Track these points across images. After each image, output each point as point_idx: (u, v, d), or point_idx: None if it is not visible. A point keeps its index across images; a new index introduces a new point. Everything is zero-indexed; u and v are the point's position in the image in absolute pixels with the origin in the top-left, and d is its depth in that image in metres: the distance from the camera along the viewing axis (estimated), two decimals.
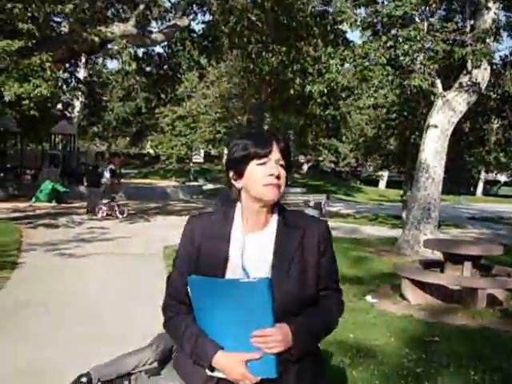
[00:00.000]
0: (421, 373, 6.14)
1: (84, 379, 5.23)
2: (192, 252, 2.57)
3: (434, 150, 15.97)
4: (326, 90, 17.49)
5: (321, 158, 64.43)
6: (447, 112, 15.90)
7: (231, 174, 2.55)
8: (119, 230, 17.80)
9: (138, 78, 28.17)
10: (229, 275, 2.49)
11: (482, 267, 10.14)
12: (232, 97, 39.00)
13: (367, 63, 16.26)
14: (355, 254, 15.05)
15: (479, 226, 28.04)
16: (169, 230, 17.87)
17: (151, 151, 63.72)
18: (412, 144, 26.83)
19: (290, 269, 2.50)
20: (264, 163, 2.45)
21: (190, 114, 44.10)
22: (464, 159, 27.95)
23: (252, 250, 2.52)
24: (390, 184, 71.20)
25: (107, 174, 22.17)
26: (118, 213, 21.94)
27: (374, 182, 71.27)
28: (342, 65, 17.06)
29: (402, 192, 33.88)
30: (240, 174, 2.50)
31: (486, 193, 70.97)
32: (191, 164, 54.62)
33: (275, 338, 2.38)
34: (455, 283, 9.58)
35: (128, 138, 59.24)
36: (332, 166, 66.74)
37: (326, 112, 21.21)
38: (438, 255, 14.74)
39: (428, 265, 10.94)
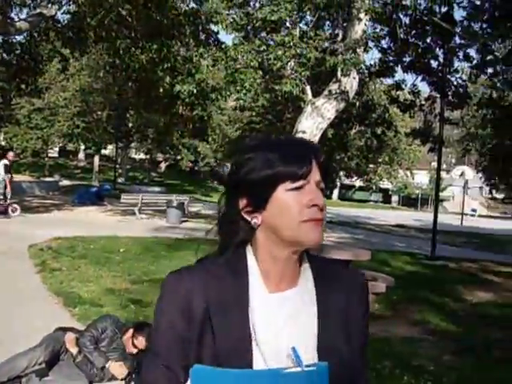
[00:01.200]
0: None
1: None
2: (188, 332, 1.61)
3: None
4: (195, 91, 17.66)
5: (179, 157, 64.66)
6: (316, 118, 16.46)
7: (243, 202, 1.67)
8: None
9: None
10: (257, 363, 1.58)
11: None
12: (93, 91, 38.46)
13: (239, 66, 16.55)
14: None
15: (337, 230, 29.18)
16: (30, 228, 17.59)
17: (3, 143, 61.65)
18: None
19: (339, 348, 1.68)
20: (300, 188, 1.63)
21: (48, 107, 43.11)
22: None
23: (283, 319, 1.64)
24: None
25: (1, 170, 21.57)
26: (10, 211, 21.36)
27: None
28: (214, 66, 17.27)
29: None
30: (259, 205, 1.65)
31: (341, 197, 73.59)
32: (46, 159, 53.31)
33: None
34: None
35: None
36: (190, 165, 67.08)
37: (194, 112, 21.32)
38: None
39: None
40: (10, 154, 23.44)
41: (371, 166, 51.30)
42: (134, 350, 5.90)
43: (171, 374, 1.60)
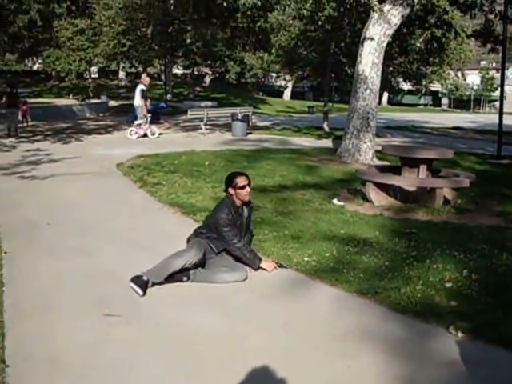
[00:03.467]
0: (416, 255, 7.72)
1: (144, 278, 6.52)
2: None
3: (370, 61, 17.49)
4: (259, 3, 18.50)
5: (223, 69, 65.16)
6: (383, 25, 17.35)
7: None
8: (59, 151, 18.55)
9: None
10: None
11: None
12: (137, 7, 38.88)
13: None
14: (302, 163, 16.65)
15: (397, 134, 30.16)
16: (105, 149, 18.95)
17: (40, 68, 62.86)
18: (332, 55, 28.43)
19: None
20: None
21: (91, 27, 43.68)
22: (383, 69, 29.71)
23: None
24: (294, 95, 73.32)
25: (138, 95, 22.99)
26: (149, 133, 23.44)
27: (277, 93, 73.03)
28: None
29: (307, 103, 35.19)
30: None
31: (389, 102, 74.02)
32: (90, 80, 54.27)
33: None
34: (417, 184, 11.22)
35: (16, 55, 57.96)
36: (234, 77, 67.55)
37: (258, 24, 21.97)
38: (376, 162, 16.54)
39: (383, 169, 12.56)
40: (147, 80, 24.65)
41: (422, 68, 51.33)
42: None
43: None
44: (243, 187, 7.09)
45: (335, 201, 11.50)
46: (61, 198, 11.69)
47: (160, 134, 24.13)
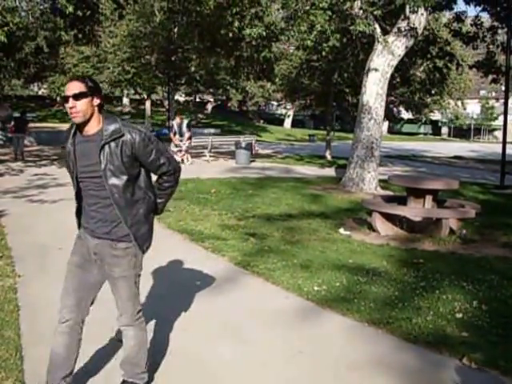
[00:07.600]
0: (425, 286, 7.75)
1: None
2: None
3: (375, 92, 17.61)
4: (264, 33, 18.65)
5: (224, 97, 65.50)
6: (387, 56, 17.49)
7: None
8: (66, 176, 18.39)
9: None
10: None
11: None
12: (141, 36, 39.12)
13: (308, 7, 17.45)
14: (307, 191, 16.75)
15: (398, 163, 30.31)
16: None
17: (45, 93, 63.12)
18: (334, 85, 28.59)
19: None
20: None
21: (96, 54, 44.04)
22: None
23: None
24: (294, 123, 73.73)
25: (176, 127, 23.87)
26: (186, 160, 24.44)
27: (278, 121, 73.40)
28: (283, 8, 18.16)
29: (308, 131, 35.35)
30: None
31: (389, 130, 74.31)
32: None
33: None
34: (424, 214, 11.26)
35: (22, 80, 58.19)
36: (236, 105, 67.87)
37: (262, 54, 22.09)
38: (380, 192, 16.58)
39: (388, 199, 12.60)
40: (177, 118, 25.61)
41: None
42: None
43: None
44: (66, 99, 4.02)
45: (341, 230, 11.54)
46: (70, 222, 11.60)
47: None
